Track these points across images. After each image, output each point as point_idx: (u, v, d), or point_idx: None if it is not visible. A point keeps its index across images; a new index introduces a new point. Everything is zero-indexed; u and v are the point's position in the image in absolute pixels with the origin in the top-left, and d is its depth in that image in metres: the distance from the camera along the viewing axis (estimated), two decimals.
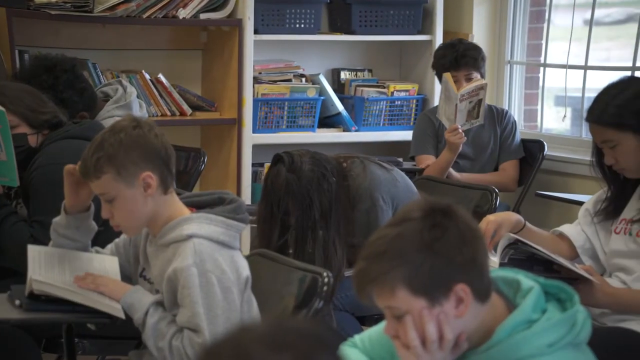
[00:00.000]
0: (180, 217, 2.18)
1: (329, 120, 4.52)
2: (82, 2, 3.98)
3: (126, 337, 2.52)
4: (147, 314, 2.14)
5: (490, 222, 2.45)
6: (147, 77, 4.22)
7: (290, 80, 4.44)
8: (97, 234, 2.37)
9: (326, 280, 2.15)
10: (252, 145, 4.32)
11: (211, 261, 2.13)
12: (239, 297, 2.15)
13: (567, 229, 2.59)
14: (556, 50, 4.50)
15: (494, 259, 2.31)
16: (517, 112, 4.60)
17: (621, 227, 2.49)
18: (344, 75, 4.62)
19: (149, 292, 2.20)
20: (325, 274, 2.15)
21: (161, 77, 4.25)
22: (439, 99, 4.10)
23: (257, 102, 4.33)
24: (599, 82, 4.10)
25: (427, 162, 4.04)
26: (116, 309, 2.17)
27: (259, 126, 4.36)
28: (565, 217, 3.23)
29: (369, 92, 4.53)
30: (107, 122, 2.86)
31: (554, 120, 4.59)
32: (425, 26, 4.56)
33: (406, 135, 4.38)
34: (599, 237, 2.54)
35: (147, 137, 2.16)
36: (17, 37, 3.94)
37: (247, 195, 4.28)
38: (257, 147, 4.34)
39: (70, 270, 2.27)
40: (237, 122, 4.29)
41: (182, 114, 4.27)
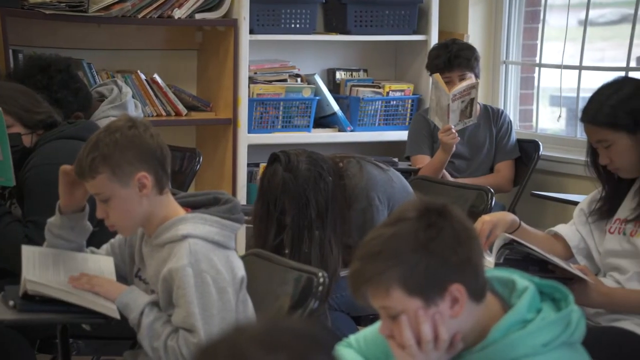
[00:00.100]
0: (175, 217, 2.18)
1: (324, 120, 4.52)
2: (76, 2, 3.97)
3: (121, 337, 2.52)
4: (142, 314, 2.14)
5: (485, 222, 2.45)
6: (142, 77, 4.21)
7: (285, 80, 4.44)
8: (92, 234, 2.37)
9: (321, 280, 2.15)
10: (247, 145, 4.32)
11: (206, 261, 2.13)
12: (234, 297, 2.15)
13: (562, 229, 2.59)
14: (551, 50, 4.50)
15: (490, 259, 2.31)
16: (512, 112, 4.60)
17: (615, 226, 2.50)
18: (340, 75, 4.62)
19: (144, 292, 2.20)
20: (320, 274, 2.15)
21: (156, 77, 4.25)
22: (429, 100, 4.11)
23: (252, 102, 4.33)
24: (594, 82, 4.10)
25: (423, 162, 4.05)
26: (111, 309, 2.17)
27: (255, 126, 4.35)
28: (560, 217, 3.23)
29: (365, 92, 4.53)
30: (103, 122, 2.85)
31: (549, 120, 4.60)
32: (420, 26, 4.56)
33: (401, 135, 4.39)
34: (593, 237, 2.55)
35: (143, 137, 2.16)
36: (11, 37, 3.93)
37: (242, 195, 4.28)
38: (252, 147, 4.34)
39: (65, 270, 2.27)
40: (233, 122, 4.29)
41: (178, 114, 4.27)
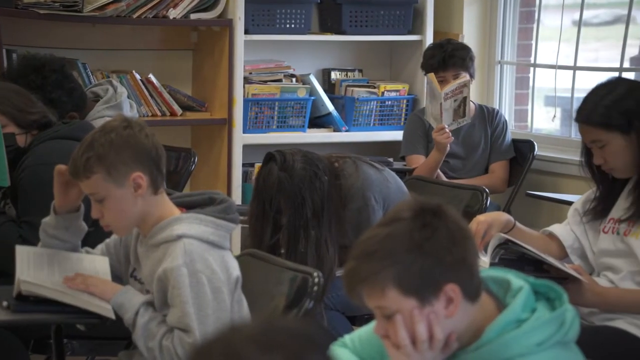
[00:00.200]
0: (170, 218, 2.18)
1: (319, 120, 4.52)
2: (71, 2, 3.96)
3: (116, 337, 2.52)
4: (137, 314, 2.14)
5: (480, 222, 2.46)
6: (137, 77, 4.21)
7: (280, 80, 4.44)
8: (87, 234, 2.37)
9: (316, 280, 2.15)
10: (242, 145, 4.32)
11: (201, 261, 2.13)
12: (229, 297, 2.15)
13: (556, 229, 2.60)
14: (546, 50, 4.51)
15: (485, 259, 2.31)
16: (507, 112, 4.61)
17: (609, 226, 2.50)
18: (335, 75, 4.63)
19: (139, 292, 2.20)
20: (315, 274, 2.15)
21: (151, 77, 4.24)
22: (425, 100, 4.11)
23: (247, 102, 4.33)
24: (588, 82, 4.11)
25: (418, 162, 4.05)
26: (106, 310, 2.16)
27: (250, 126, 4.35)
28: (555, 217, 3.24)
29: (360, 92, 4.53)
30: (98, 123, 2.85)
31: (544, 120, 4.61)
32: (415, 26, 4.57)
33: (396, 135, 4.39)
34: (587, 237, 2.55)
35: (138, 138, 2.16)
36: (4, 37, 3.93)
37: (237, 195, 4.28)
38: (247, 147, 4.34)
39: (59, 270, 2.26)
40: (228, 122, 4.29)
41: (173, 114, 4.27)
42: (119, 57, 4.31)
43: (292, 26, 4.38)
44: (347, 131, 4.50)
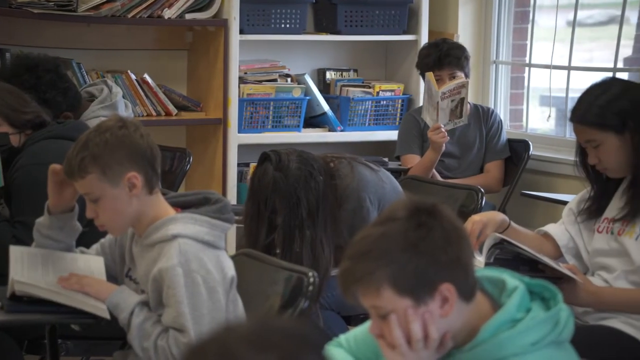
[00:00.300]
0: (165, 217, 2.18)
1: (314, 120, 4.52)
2: (65, 1, 3.95)
3: (111, 337, 2.51)
4: (132, 314, 2.14)
5: (475, 222, 2.46)
6: (132, 77, 4.21)
7: (275, 80, 4.44)
8: (82, 234, 2.36)
9: (312, 280, 2.15)
10: (237, 145, 4.31)
11: (196, 261, 2.13)
12: (224, 297, 2.15)
13: (551, 229, 2.60)
14: (541, 50, 4.52)
15: (480, 259, 2.32)
16: (502, 112, 4.61)
17: (603, 226, 2.51)
18: (330, 75, 4.63)
19: (134, 292, 2.20)
20: (310, 274, 2.15)
21: (147, 77, 4.24)
22: (422, 99, 4.11)
23: (242, 102, 4.33)
24: (582, 82, 4.12)
25: (413, 162, 4.05)
26: (101, 309, 2.16)
27: (245, 126, 4.35)
28: (550, 217, 3.24)
29: (355, 92, 4.53)
30: (93, 122, 2.85)
31: (539, 120, 4.61)
32: (410, 26, 4.57)
33: (392, 135, 4.39)
34: (582, 236, 2.56)
35: (133, 137, 2.16)
36: None
37: (232, 195, 4.28)
38: (242, 147, 4.33)
39: (54, 270, 2.26)
40: (223, 122, 4.28)
41: (168, 114, 4.27)
42: (114, 57, 4.30)
43: (287, 26, 4.38)
44: (342, 131, 4.50)
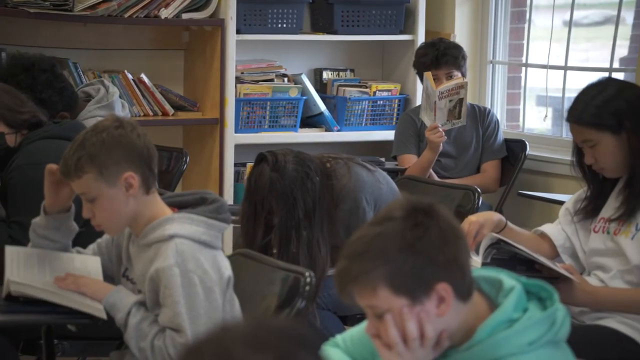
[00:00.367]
0: (162, 217, 2.18)
1: (311, 120, 4.52)
2: (61, 1, 3.95)
3: (107, 337, 2.51)
4: (129, 314, 2.14)
5: (472, 222, 2.47)
6: (129, 77, 4.20)
7: (272, 80, 4.44)
8: (79, 234, 2.36)
9: (308, 280, 2.15)
10: (234, 145, 4.31)
11: (193, 261, 2.13)
12: (221, 297, 2.15)
13: (548, 229, 2.61)
14: (537, 50, 4.52)
15: (477, 259, 2.32)
16: (499, 112, 4.61)
17: (600, 225, 2.51)
18: (326, 75, 4.62)
19: (131, 292, 2.20)
20: (307, 274, 2.15)
21: (143, 77, 4.24)
22: (421, 99, 4.12)
23: (239, 102, 4.32)
24: (579, 82, 4.12)
25: (410, 162, 4.05)
26: (98, 310, 2.16)
27: (241, 126, 4.35)
28: (546, 217, 3.24)
29: (351, 92, 4.53)
30: (90, 122, 2.84)
31: (536, 120, 4.62)
32: (407, 26, 4.57)
33: (388, 135, 4.39)
34: (578, 236, 2.56)
35: (130, 137, 2.15)
36: None
37: (229, 195, 4.28)
38: (239, 147, 4.33)
39: (50, 270, 2.26)
40: (220, 122, 4.28)
41: (165, 114, 4.26)
42: (111, 57, 4.30)
43: (284, 26, 4.38)
44: (339, 131, 4.50)
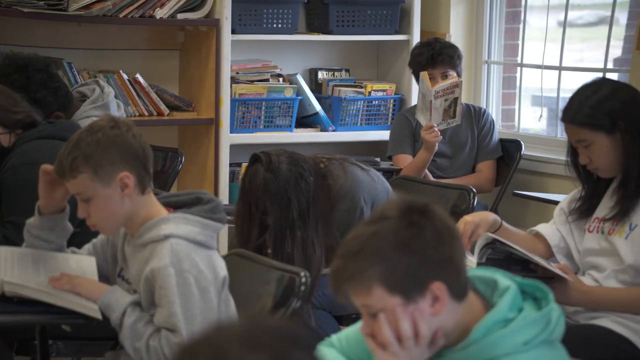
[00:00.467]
0: (157, 217, 2.18)
1: (306, 120, 4.52)
2: (55, 1, 3.94)
3: (102, 337, 2.51)
4: (124, 314, 2.13)
5: (467, 222, 2.47)
6: (124, 77, 4.20)
7: (267, 80, 4.44)
8: (73, 234, 2.35)
9: (304, 280, 2.15)
10: (229, 145, 4.31)
11: (188, 261, 2.13)
12: (216, 297, 2.14)
13: (542, 228, 2.61)
14: (532, 50, 4.53)
15: (472, 259, 2.32)
16: (494, 112, 4.62)
17: (594, 225, 2.52)
18: (322, 75, 4.63)
19: (126, 292, 2.19)
20: (302, 274, 2.15)
21: (139, 77, 4.23)
22: (417, 99, 4.12)
23: (234, 102, 4.32)
24: (573, 82, 4.13)
25: (405, 162, 4.05)
26: (93, 310, 2.15)
27: (237, 126, 4.35)
28: (541, 217, 3.25)
29: (347, 92, 4.54)
30: (85, 122, 2.84)
31: (531, 120, 4.62)
32: (402, 26, 4.57)
33: (383, 135, 4.39)
34: (573, 236, 2.57)
35: (125, 137, 2.15)
36: None
37: (224, 195, 4.28)
38: (234, 147, 4.33)
39: (45, 271, 2.25)
40: (215, 122, 4.28)
41: (160, 114, 4.26)
42: (106, 57, 4.29)
43: (279, 26, 4.38)
44: (334, 131, 4.50)
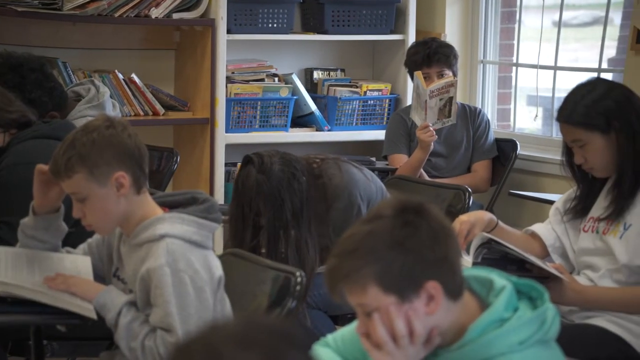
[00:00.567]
0: (153, 217, 2.17)
1: (301, 119, 4.52)
2: (50, 0, 3.93)
3: (97, 337, 2.50)
4: (120, 314, 2.13)
5: (463, 222, 2.47)
6: (120, 76, 4.20)
7: (263, 79, 4.44)
8: (68, 234, 2.35)
9: (299, 279, 2.15)
10: (225, 145, 4.31)
11: (184, 261, 2.13)
12: (211, 296, 2.14)
13: (538, 228, 2.61)
14: (527, 50, 4.53)
15: (467, 259, 2.32)
16: (490, 112, 4.62)
17: (589, 225, 2.52)
18: (317, 74, 4.62)
19: (122, 292, 2.19)
20: (298, 274, 2.16)
21: (134, 76, 4.23)
22: (411, 98, 4.12)
23: (229, 102, 4.32)
24: (568, 82, 4.14)
25: (400, 161, 4.06)
26: (88, 310, 2.15)
27: (232, 126, 4.35)
28: (537, 216, 3.25)
29: (342, 92, 4.54)
30: (80, 122, 2.83)
31: (527, 119, 4.63)
32: (398, 26, 4.57)
33: (379, 134, 4.39)
34: (568, 236, 2.57)
35: (120, 137, 2.15)
36: None
37: (220, 195, 4.28)
38: (230, 147, 4.33)
39: (40, 270, 2.24)
40: (210, 121, 4.28)
41: (155, 113, 4.26)
42: (101, 57, 4.29)
43: (275, 26, 4.38)
44: (329, 131, 4.50)
